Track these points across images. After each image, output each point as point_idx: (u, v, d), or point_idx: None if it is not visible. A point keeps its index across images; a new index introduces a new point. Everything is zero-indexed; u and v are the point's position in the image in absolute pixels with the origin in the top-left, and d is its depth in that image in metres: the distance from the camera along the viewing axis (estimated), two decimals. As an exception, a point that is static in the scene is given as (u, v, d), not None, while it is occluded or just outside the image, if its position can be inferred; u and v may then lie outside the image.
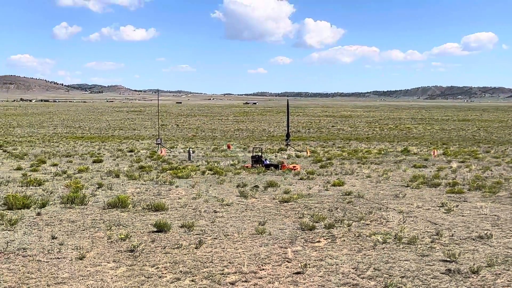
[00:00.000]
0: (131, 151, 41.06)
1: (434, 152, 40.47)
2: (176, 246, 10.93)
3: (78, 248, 10.75)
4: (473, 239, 11.76)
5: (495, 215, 14.64)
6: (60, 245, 10.98)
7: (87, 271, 9.36)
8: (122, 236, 11.56)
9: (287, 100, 58.81)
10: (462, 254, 10.39)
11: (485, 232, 12.32)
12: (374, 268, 9.59)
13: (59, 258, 10.07)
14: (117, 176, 23.28)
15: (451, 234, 12.22)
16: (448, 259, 10.01)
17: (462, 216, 14.57)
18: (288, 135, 48.61)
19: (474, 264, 9.63)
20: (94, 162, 30.86)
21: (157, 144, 42.69)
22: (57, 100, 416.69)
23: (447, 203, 16.31)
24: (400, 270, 9.48)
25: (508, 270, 9.48)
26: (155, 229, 12.37)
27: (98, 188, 19.36)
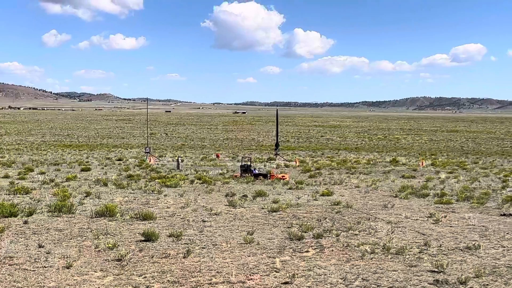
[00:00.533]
0: (119, 159, 40.91)
1: (422, 162, 40.61)
2: (164, 256, 10.88)
3: (65, 257, 10.68)
4: (461, 250, 11.78)
5: (483, 226, 14.68)
6: (47, 253, 10.91)
7: (74, 280, 9.29)
8: (110, 245, 11.50)
9: (277, 110, 58.88)
10: (450, 264, 10.40)
11: (473, 243, 12.34)
12: (362, 278, 9.58)
13: (46, 267, 10.00)
14: (105, 184, 23.18)
15: (439, 245, 12.24)
16: (436, 270, 10.02)
17: (450, 226, 14.60)
18: (277, 145, 48.60)
19: (462, 275, 9.64)
20: (82, 170, 30.72)
21: (145, 152, 42.55)
22: (45, 108, 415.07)
23: (435, 213, 16.35)
24: (388, 280, 9.48)
25: (496, 281, 9.50)
26: (143, 238, 12.31)
27: (86, 196, 19.26)
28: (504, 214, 16.71)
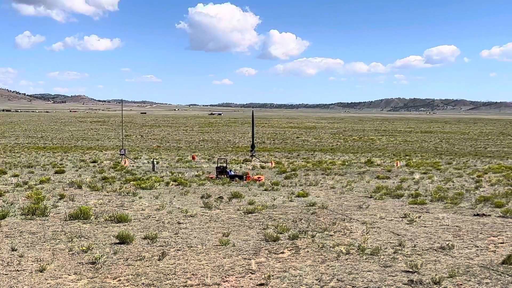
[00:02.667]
0: (94, 161, 40.58)
1: (397, 163, 40.90)
2: (138, 258, 10.81)
3: (39, 260, 10.56)
4: (435, 250, 11.88)
5: (456, 226, 14.83)
6: (20, 257, 10.77)
7: (47, 283, 9.19)
8: (84, 248, 11.40)
9: (252, 111, 58.95)
10: (424, 265, 10.48)
11: (447, 243, 12.46)
12: (337, 279, 9.61)
13: (18, 271, 9.87)
14: (80, 187, 22.98)
15: (413, 245, 12.34)
16: (410, 270, 10.09)
17: (424, 227, 14.72)
18: (253, 146, 48.63)
19: (436, 275, 9.72)
20: (56, 173, 30.40)
21: (120, 154, 42.27)
22: (19, 110, 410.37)
23: (409, 214, 16.48)
24: (363, 281, 9.52)
25: (469, 280, 9.59)
26: (118, 241, 12.22)
27: (59, 199, 19.08)
28: (477, 214, 16.90)
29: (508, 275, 9.96)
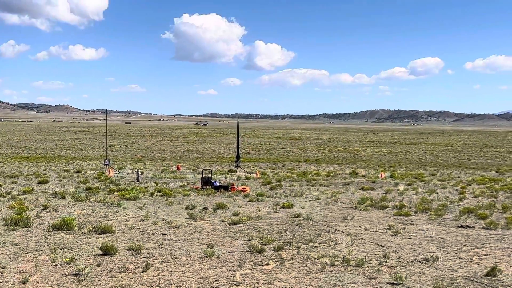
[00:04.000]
0: (78, 172, 40.35)
1: (381, 174, 41.05)
2: (122, 270, 10.73)
3: (21, 271, 10.44)
4: (420, 262, 11.90)
5: (441, 238, 14.87)
6: (2, 268, 10.65)
7: (30, 296, 9.08)
8: (67, 259, 11.29)
9: (237, 122, 58.89)
10: (409, 276, 10.49)
11: (431, 254, 12.49)
12: (322, 291, 9.58)
13: (1, 282, 9.75)
14: (63, 197, 22.81)
15: (398, 257, 12.35)
16: (395, 282, 10.09)
17: (409, 238, 14.76)
18: (238, 157, 48.60)
19: (420, 287, 9.73)
20: (39, 183, 30.19)
21: (105, 165, 42.07)
22: (2, 120, 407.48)
23: (394, 225, 16.51)
24: (348, 293, 9.50)
25: (453, 292, 9.60)
26: (101, 252, 12.12)
27: (43, 209, 18.91)
28: (461, 226, 16.97)
29: (491, 287, 10.00)
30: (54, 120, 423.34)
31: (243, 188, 27.78)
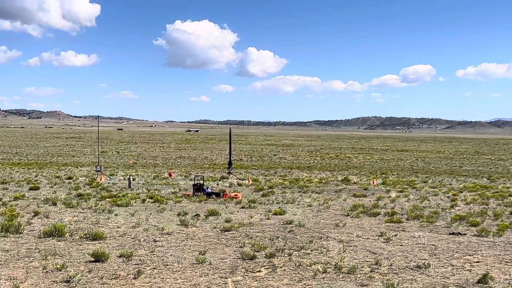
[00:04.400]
0: (69, 178, 40.21)
1: (373, 181, 41.09)
2: (113, 277, 10.68)
3: (12, 278, 10.37)
4: (411, 269, 11.91)
5: (432, 245, 14.89)
6: (-8, 275, 10.58)
7: (20, 303, 9.02)
8: (58, 266, 11.23)
9: (230, 128, 58.83)
10: (401, 283, 10.49)
11: (423, 261, 12.49)
12: (314, 298, 9.57)
13: (-10, 290, 9.69)
14: (54, 204, 22.72)
15: (390, 264, 12.35)
16: (387, 289, 10.08)
17: (401, 245, 14.76)
18: (230, 163, 48.55)
19: (412, 294, 9.73)
20: (30, 189, 30.07)
21: (96, 171, 41.93)
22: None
23: (386, 232, 16.52)
24: (340, 300, 9.49)
25: (445, 299, 9.61)
26: (93, 259, 12.07)
27: (34, 216, 18.82)
28: (453, 233, 17.00)
29: (483, 294, 10.00)
30: (46, 126, 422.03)
31: (235, 195, 27.76)
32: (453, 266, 12.35)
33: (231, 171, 46.76)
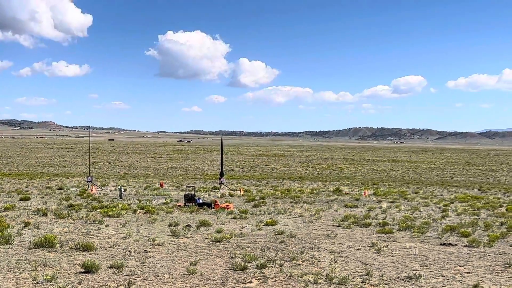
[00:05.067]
0: (60, 188, 40.04)
1: (365, 192, 41.12)
2: (104, 288, 10.63)
3: (1, 290, 10.32)
4: (402, 280, 11.92)
5: (423, 256, 14.91)
6: (-19, 287, 10.52)
7: (9, 314, 8.97)
8: (48, 277, 11.18)
9: (221, 139, 58.88)
10: (392, 294, 10.49)
11: (414, 272, 12.51)
12: (305, 309, 9.55)
13: (-21, 301, 9.63)
14: (45, 214, 22.62)
15: (381, 274, 12.36)
16: (378, 300, 10.09)
17: (392, 256, 14.78)
18: (222, 174, 48.49)
19: (403, 304, 9.73)
20: (21, 199, 29.91)
21: (87, 181, 41.77)
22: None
23: (377, 243, 16.54)
24: (331, 311, 9.48)
25: (436, 310, 9.62)
26: (83, 270, 12.02)
27: (24, 227, 18.74)
28: (444, 244, 17.03)
29: (474, 304, 10.02)
30: (37, 137, 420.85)
31: (227, 205, 27.71)
32: (444, 277, 12.37)
33: (222, 182, 46.69)
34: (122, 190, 34.80)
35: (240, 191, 39.89)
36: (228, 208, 26.74)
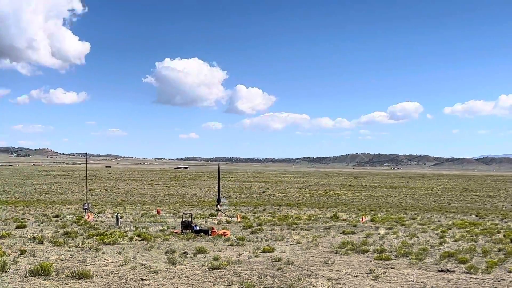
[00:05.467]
0: (56, 216, 39.92)
1: (362, 218, 41.07)
2: (100, 316, 10.55)
3: (-5, 319, 10.24)
4: (400, 306, 11.85)
5: (421, 282, 14.85)
6: (-25, 316, 10.43)
7: None
8: (43, 305, 11.09)
9: (218, 165, 58.86)
10: (390, 321, 10.43)
11: (412, 299, 12.44)
12: (302, 337, 9.49)
13: (-27, 330, 9.55)
14: (41, 242, 22.50)
15: (379, 301, 12.29)
16: (376, 327, 10.03)
17: (390, 283, 14.71)
18: (219, 200, 48.43)
19: (401, 332, 9.67)
20: (17, 227, 29.79)
21: (84, 209, 41.67)
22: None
23: (375, 269, 16.46)
24: (328, 338, 9.42)
25: (434, 337, 9.56)
26: (79, 298, 11.92)
27: (20, 254, 18.62)
28: (442, 270, 16.97)
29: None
30: (34, 164, 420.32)
31: (224, 232, 27.62)
32: (442, 303, 12.30)
33: (219, 208, 46.60)
34: (119, 217, 34.69)
35: (237, 218, 39.83)
36: (225, 235, 26.66)
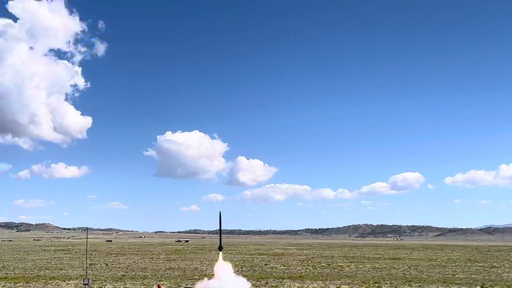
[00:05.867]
0: (57, 292, 39.45)
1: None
2: None
3: None
4: None
5: None
6: None
7: None
8: None
9: (220, 212, 57.91)
10: None
11: None
12: None
13: None
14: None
15: None
16: None
17: None
18: (220, 248, 48.57)
19: None
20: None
21: (84, 284, 41.31)
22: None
23: None
24: None
25: None
26: None
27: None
28: None
29: None
30: (34, 239, 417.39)
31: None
32: None
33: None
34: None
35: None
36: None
